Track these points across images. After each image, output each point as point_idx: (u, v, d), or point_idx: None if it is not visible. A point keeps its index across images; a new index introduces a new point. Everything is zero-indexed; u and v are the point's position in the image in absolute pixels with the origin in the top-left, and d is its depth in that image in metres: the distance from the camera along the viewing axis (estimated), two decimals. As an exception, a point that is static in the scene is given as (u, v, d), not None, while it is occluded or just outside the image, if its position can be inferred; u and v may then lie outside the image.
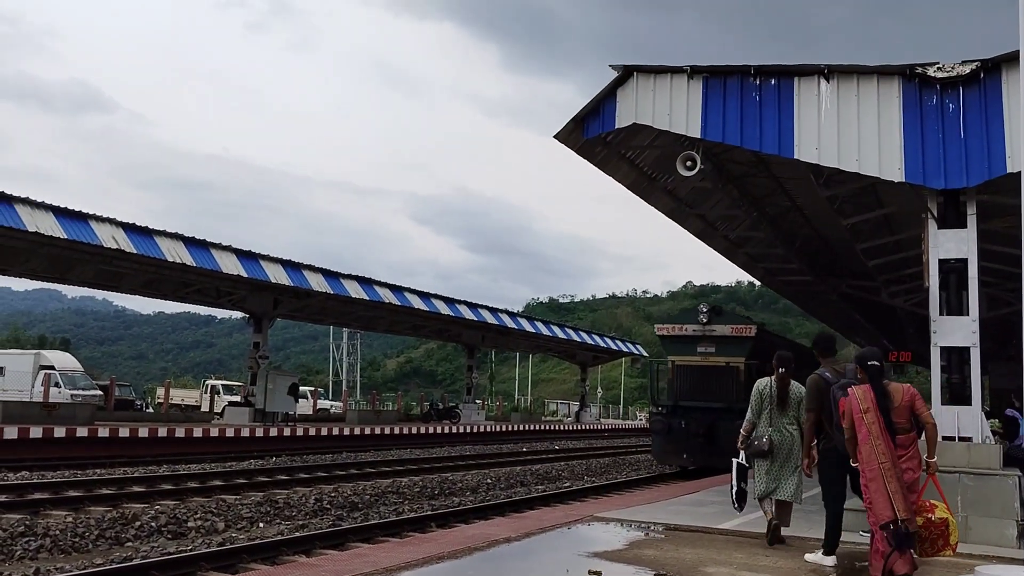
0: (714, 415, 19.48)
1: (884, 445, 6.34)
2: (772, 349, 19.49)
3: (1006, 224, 12.77)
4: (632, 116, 11.28)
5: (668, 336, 21.20)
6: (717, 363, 20.08)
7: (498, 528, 8.82)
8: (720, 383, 19.92)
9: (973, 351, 9.57)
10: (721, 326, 20.14)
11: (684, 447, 19.91)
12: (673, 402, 20.64)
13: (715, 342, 20.13)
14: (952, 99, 9.72)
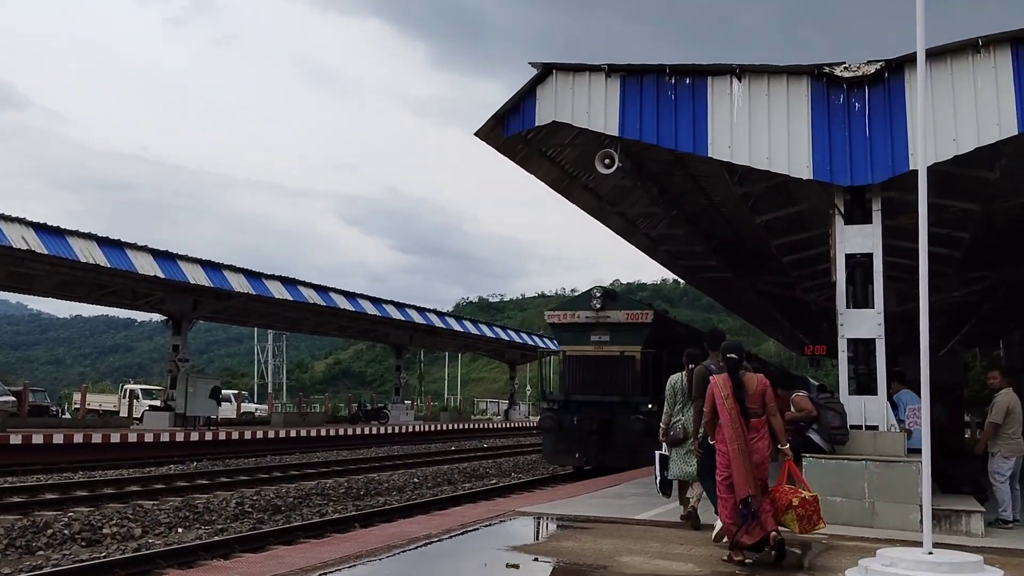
0: (609, 410, 18.28)
1: (740, 429, 7.04)
2: (671, 336, 19.32)
3: (912, 220, 13.24)
4: (552, 114, 11.37)
5: (560, 324, 19.68)
6: (611, 353, 18.74)
7: (420, 526, 8.81)
8: (615, 375, 18.59)
9: (879, 342, 9.92)
10: (616, 312, 18.84)
11: (577, 446, 18.48)
12: (565, 396, 19.22)
13: (610, 329, 18.84)
14: (858, 98, 10.05)
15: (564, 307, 20.26)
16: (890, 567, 5.96)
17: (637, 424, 17.43)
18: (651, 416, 16.95)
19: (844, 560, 6.96)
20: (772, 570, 6.87)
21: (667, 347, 18.36)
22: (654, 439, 16.55)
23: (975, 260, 17.72)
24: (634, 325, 18.68)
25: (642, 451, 16.49)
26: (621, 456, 17.41)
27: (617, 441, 17.83)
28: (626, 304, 19.46)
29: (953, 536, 8.36)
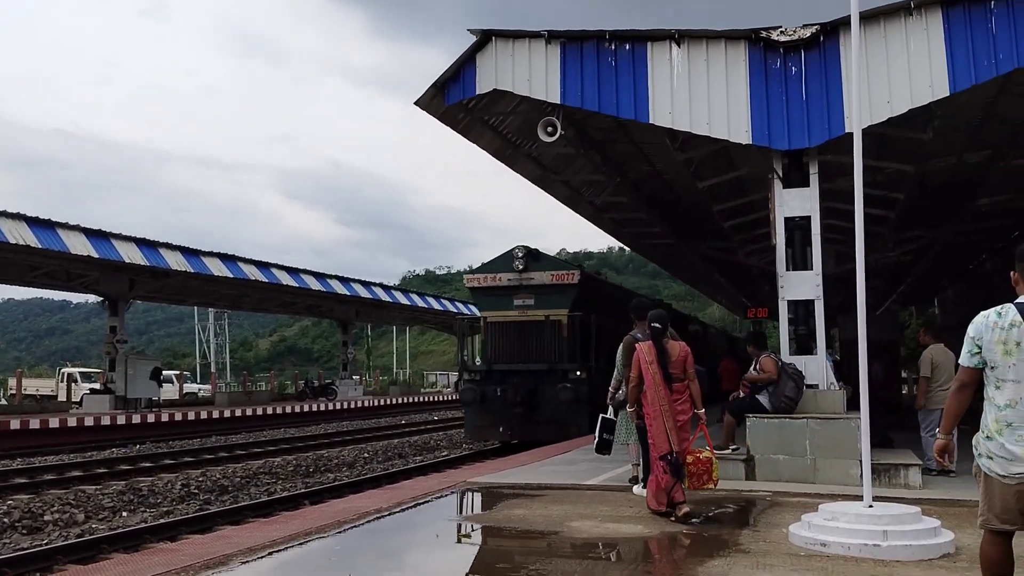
0: (534, 379, 17.25)
1: (663, 391, 7.52)
2: (601, 298, 18.52)
3: (848, 183, 13.48)
4: (492, 82, 11.27)
5: (480, 288, 18.37)
6: (536, 317, 17.55)
7: (371, 500, 8.77)
8: (541, 341, 17.49)
9: (817, 303, 10.10)
10: (540, 273, 17.64)
11: (500, 418, 17.30)
12: (487, 366, 18.07)
13: (534, 292, 17.65)
14: (795, 62, 10.14)
15: (484, 270, 18.53)
16: (832, 521, 6.12)
17: (564, 393, 16.63)
18: (580, 384, 16.68)
19: (788, 515, 7.12)
20: (718, 528, 7.00)
21: (597, 310, 17.84)
22: (584, 408, 15.99)
23: (910, 220, 18.15)
24: (560, 287, 17.61)
25: (571, 421, 16.32)
26: (548, 428, 16.61)
27: (544, 412, 16.97)
28: (551, 264, 18.26)
29: (892, 489, 8.61)
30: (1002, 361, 3.91)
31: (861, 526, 5.94)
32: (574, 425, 16.19)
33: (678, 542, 6.60)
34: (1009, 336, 3.89)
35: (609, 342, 17.13)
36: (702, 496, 8.49)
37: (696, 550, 6.31)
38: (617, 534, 6.78)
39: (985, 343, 3.96)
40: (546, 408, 16.90)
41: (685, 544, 6.55)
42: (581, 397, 16.60)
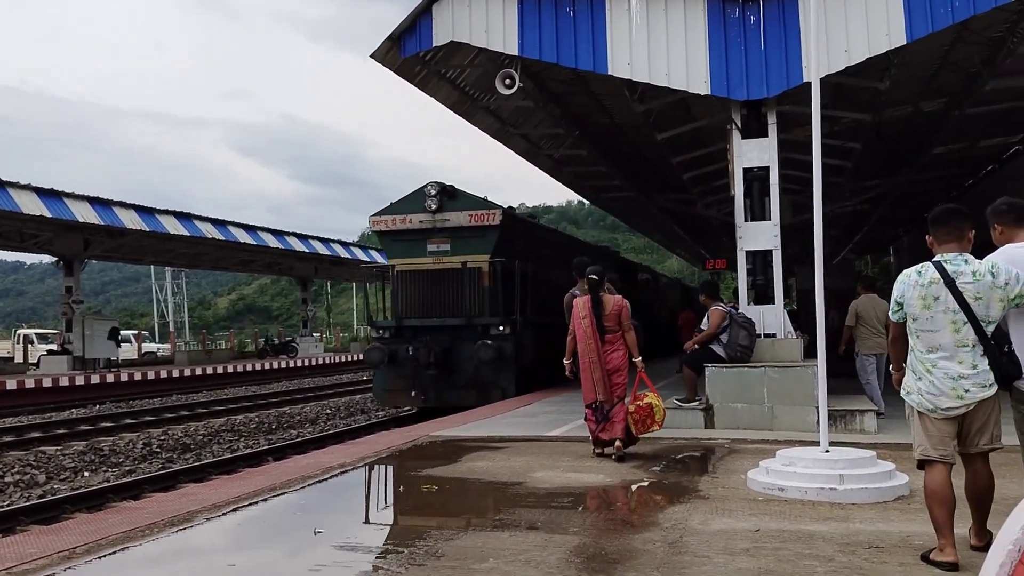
0: (451, 336, 15.34)
1: (594, 343, 8.06)
2: (531, 242, 16.89)
3: (806, 133, 13.55)
4: (449, 34, 11.11)
5: (388, 232, 16.09)
6: (452, 265, 15.47)
7: (335, 455, 8.77)
8: (458, 292, 15.50)
9: (775, 253, 10.21)
10: (456, 214, 15.47)
11: (412, 382, 15.28)
12: (397, 322, 15.85)
13: (450, 236, 15.55)
14: (753, 11, 10.11)
15: (392, 210, 16.09)
16: (789, 466, 6.25)
17: (485, 351, 14.73)
18: (503, 341, 15.00)
19: (746, 462, 7.25)
20: (676, 474, 7.12)
21: (526, 256, 16.15)
22: (509, 368, 14.92)
23: (866, 170, 18.35)
24: (480, 229, 15.41)
25: (494, 383, 15.01)
26: (467, 391, 15.14)
27: (462, 373, 15.27)
28: (470, 203, 15.80)
29: (848, 434, 8.79)
30: (921, 314, 4.41)
31: (818, 470, 6.07)
32: (497, 387, 14.98)
33: (638, 490, 6.69)
34: (928, 292, 4.38)
35: (543, 293, 16.29)
36: (662, 445, 8.65)
37: (656, 497, 6.41)
38: (579, 483, 6.86)
39: (907, 299, 4.48)
40: (464, 369, 15.23)
41: (645, 492, 6.65)
42: (505, 355, 14.93)
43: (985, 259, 4.35)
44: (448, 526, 5.47)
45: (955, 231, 4.46)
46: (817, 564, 4.39)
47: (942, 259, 4.41)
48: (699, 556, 4.60)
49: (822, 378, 6.66)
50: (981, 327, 4.28)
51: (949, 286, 4.31)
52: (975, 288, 4.27)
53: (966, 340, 4.30)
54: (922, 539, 4.83)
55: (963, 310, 4.29)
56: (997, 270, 4.25)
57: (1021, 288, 4.21)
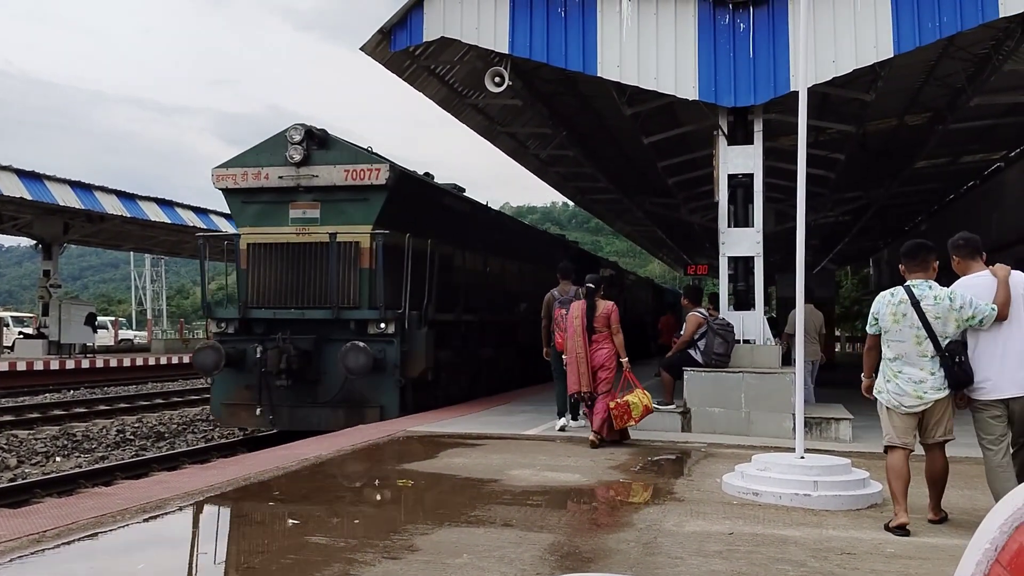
0: (314, 333, 11.62)
1: (581, 341, 8.85)
2: (432, 212, 13.22)
3: (791, 142, 13.65)
4: (440, 29, 11.10)
5: (236, 191, 12.07)
6: (320, 238, 11.65)
7: (311, 448, 8.73)
8: (326, 275, 11.66)
9: (757, 260, 10.27)
10: (328, 168, 11.64)
11: (260, 394, 11.53)
12: (242, 312, 11.94)
13: (320, 198, 11.79)
14: (743, 19, 10.16)
15: (243, 160, 12.06)
16: (764, 471, 6.28)
17: (354, 357, 11.04)
18: (385, 343, 11.46)
19: (722, 466, 7.29)
20: (652, 476, 7.15)
21: (427, 231, 12.52)
22: (391, 381, 11.38)
23: (849, 181, 18.49)
24: (360, 191, 11.64)
25: (370, 399, 11.49)
26: (332, 412, 11.59)
27: (326, 385, 11.58)
28: (347, 155, 11.85)
29: (823, 442, 8.86)
30: (892, 327, 5.36)
31: (793, 476, 6.11)
32: (375, 405, 11.49)
33: (614, 491, 6.72)
34: (898, 310, 5.34)
35: (456, 282, 13.95)
36: (639, 447, 8.69)
37: (632, 498, 6.44)
38: (555, 482, 6.87)
39: (881, 316, 5.43)
40: (330, 379, 11.53)
41: (621, 493, 6.67)
42: (388, 363, 11.46)
43: (947, 288, 5.30)
44: (423, 520, 5.47)
45: (922, 263, 5.44)
46: (789, 569, 4.42)
47: (911, 284, 5.38)
48: (673, 557, 4.62)
49: (799, 385, 6.71)
50: (939, 341, 5.22)
51: (915, 306, 5.26)
52: (935, 309, 5.23)
53: (926, 352, 5.25)
54: (894, 547, 4.88)
55: (924, 327, 5.23)
56: (954, 296, 5.23)
57: (973, 311, 5.17)
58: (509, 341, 16.51)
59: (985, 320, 5.15)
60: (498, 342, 15.87)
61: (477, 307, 14.75)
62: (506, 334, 16.39)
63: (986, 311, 5.14)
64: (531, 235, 20.80)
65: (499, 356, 15.88)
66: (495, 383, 15.43)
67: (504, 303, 16.60)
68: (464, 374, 14.17)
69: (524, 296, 17.27)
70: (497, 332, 15.89)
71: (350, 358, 11.09)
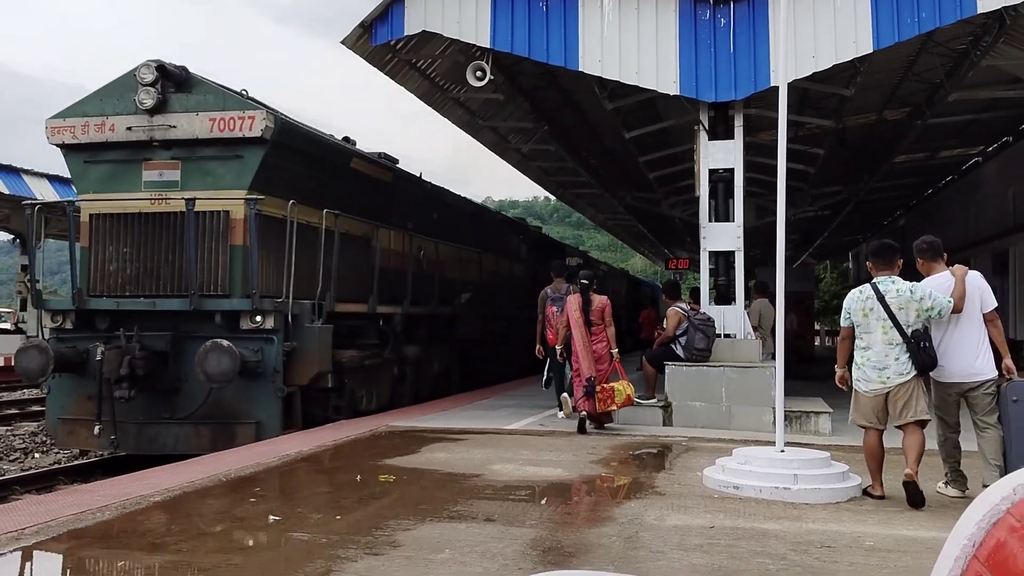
0: (171, 329, 9.38)
1: (584, 332, 9.39)
2: (328, 176, 10.97)
3: (771, 137, 13.72)
4: (421, 23, 11.06)
5: (76, 146, 9.89)
6: (180, 207, 9.33)
7: (293, 443, 8.70)
8: (177, 252, 9.50)
9: (738, 255, 10.32)
10: (189, 117, 9.43)
11: (101, 407, 9.19)
12: (78, 303, 9.62)
13: (181, 155, 9.61)
14: (724, 14, 10.19)
15: (84, 108, 9.86)
16: (745, 465, 6.32)
17: (216, 360, 8.81)
18: (263, 341, 9.34)
19: (703, 460, 7.32)
20: (633, 469, 7.18)
21: (326, 198, 10.42)
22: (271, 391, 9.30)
23: (829, 176, 18.59)
24: (231, 145, 9.46)
25: (244, 412, 9.34)
26: (192, 431, 9.30)
27: (187, 396, 9.33)
28: (212, 99, 9.58)
29: (803, 435, 8.93)
30: (862, 320, 5.98)
31: (773, 470, 6.15)
32: (249, 421, 9.33)
33: (596, 485, 6.74)
34: (866, 305, 5.97)
35: (370, 262, 11.57)
36: (621, 441, 8.72)
37: (613, 492, 6.46)
38: (537, 477, 6.88)
39: (852, 311, 6.06)
40: (191, 388, 9.24)
41: (603, 487, 6.70)
42: (267, 367, 9.31)
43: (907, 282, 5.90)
44: (405, 516, 5.46)
45: (888, 262, 6.06)
46: (770, 562, 4.45)
47: (876, 281, 6.00)
48: (654, 551, 4.64)
49: (780, 379, 6.74)
50: (903, 329, 5.79)
51: (880, 300, 5.88)
52: (898, 300, 5.84)
53: (893, 340, 5.83)
54: (873, 540, 4.92)
55: (890, 317, 5.83)
56: (915, 288, 5.86)
57: (932, 303, 5.79)
58: (445, 338, 14.56)
59: (943, 312, 5.80)
60: (431, 339, 13.74)
61: (401, 297, 12.59)
62: (442, 329, 14.39)
63: (943, 303, 5.79)
64: (481, 216, 18.72)
65: (432, 356, 13.80)
66: (426, 388, 13.54)
67: (443, 293, 14.27)
68: (380, 378, 11.73)
69: (469, 286, 15.68)
70: (431, 328, 13.80)
71: (209, 361, 8.83)
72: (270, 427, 9.32)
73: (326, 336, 9.95)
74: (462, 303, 15.21)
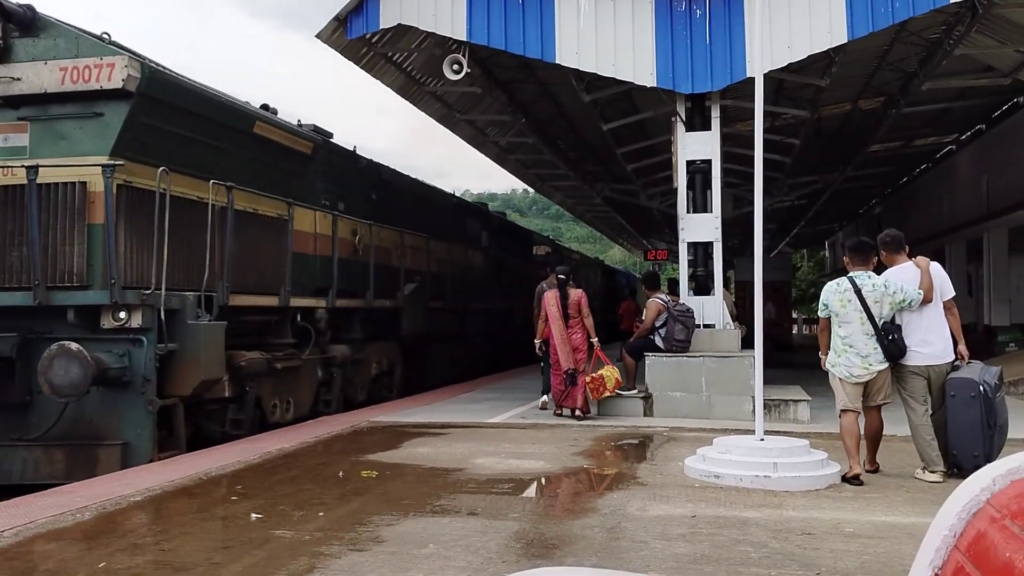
0: (18, 328, 7.70)
1: (561, 324, 9.94)
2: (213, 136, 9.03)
3: (748, 128, 13.77)
4: (397, 16, 11.01)
5: None
6: (16, 179, 7.74)
7: (274, 440, 8.67)
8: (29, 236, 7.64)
9: (716, 245, 10.37)
10: (34, 66, 7.82)
11: None
12: None
13: (30, 114, 7.97)
14: (699, 5, 10.22)
15: None
16: (725, 454, 6.37)
17: (63, 368, 7.26)
18: (129, 343, 7.70)
19: (684, 450, 7.37)
20: (615, 461, 7.22)
21: (216, 168, 8.80)
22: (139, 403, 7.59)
23: (805, 166, 18.70)
24: (87, 100, 7.85)
25: (108, 432, 7.69)
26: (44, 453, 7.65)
27: (40, 411, 7.69)
28: (64, 44, 7.94)
29: (782, 423, 9.00)
30: (840, 311, 6.39)
31: (753, 458, 6.20)
32: (113, 443, 7.64)
33: (578, 477, 6.77)
34: (843, 297, 6.38)
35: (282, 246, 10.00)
36: (602, 432, 8.76)
37: (596, 484, 6.49)
38: (520, 470, 6.90)
39: (831, 302, 6.45)
40: (43, 403, 7.61)
41: (585, 479, 6.73)
42: (134, 375, 7.71)
43: (880, 276, 6.41)
44: (388, 511, 5.47)
45: (864, 258, 6.55)
46: (751, 550, 4.49)
47: (853, 276, 6.43)
48: (637, 542, 4.67)
49: (759, 368, 6.80)
50: (875, 322, 6.25)
51: (857, 293, 6.31)
52: (874, 295, 6.29)
53: (868, 331, 6.26)
54: (852, 526, 4.97)
55: (864, 310, 6.27)
56: (888, 283, 6.34)
57: (904, 295, 6.26)
58: (386, 335, 13.28)
59: (913, 302, 6.28)
60: (367, 337, 12.49)
61: (326, 289, 11.21)
62: (382, 325, 13.10)
63: (914, 295, 6.27)
64: (431, 199, 16.60)
65: (369, 355, 12.64)
66: (361, 392, 12.41)
67: (382, 285, 12.88)
68: (298, 384, 10.56)
69: (415, 276, 14.13)
70: (367, 323, 12.52)
71: (54, 370, 7.27)
72: (140, 450, 7.68)
73: (216, 335, 8.26)
74: (406, 295, 13.60)
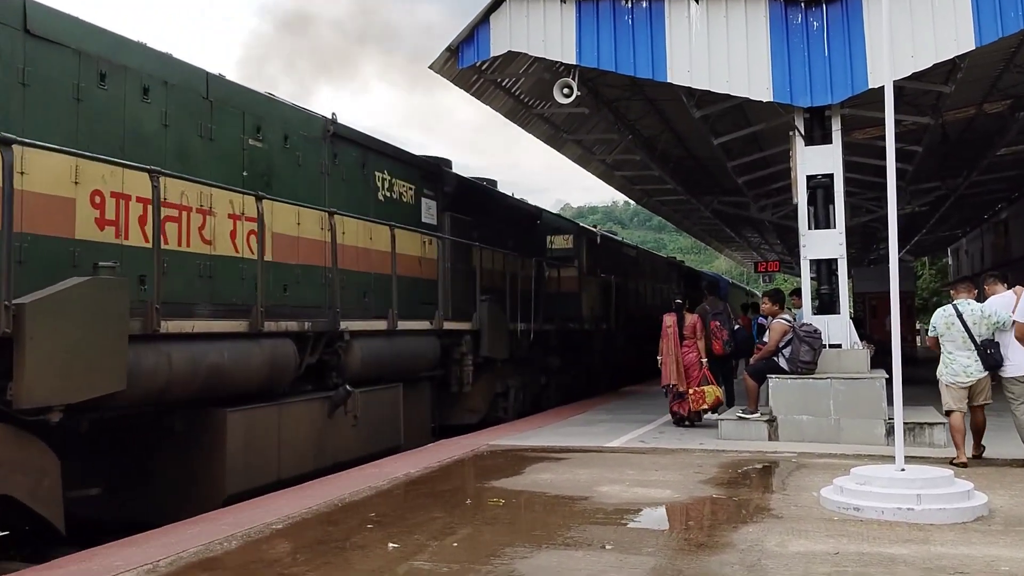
0: None
1: (675, 344, 11.29)
2: None
3: (866, 135, 13.36)
4: (507, 43, 11.14)
5: None
6: None
7: (398, 465, 8.82)
8: None
9: (840, 262, 10.07)
10: None
11: None
12: None
13: None
14: (816, 17, 9.99)
15: None
16: (864, 485, 6.14)
17: None
18: None
19: (816, 478, 7.16)
20: (745, 490, 7.06)
21: None
22: None
23: (926, 172, 18.02)
24: None
25: None
26: None
27: None
28: None
29: (918, 448, 8.64)
30: (946, 332, 7.95)
31: (894, 490, 5.96)
32: None
33: (709, 507, 6.64)
34: (948, 320, 7.95)
35: None
36: (727, 458, 8.59)
37: (728, 516, 6.34)
38: (647, 499, 6.83)
39: (939, 325, 8.04)
40: None
41: (716, 509, 6.59)
42: None
43: (980, 304, 8.02)
44: (521, 543, 5.48)
45: (967, 289, 8.28)
46: (903, 591, 4.31)
47: (956, 303, 8.04)
48: (780, 580, 4.55)
49: (898, 392, 6.53)
50: (975, 339, 7.77)
51: (959, 317, 7.86)
52: (972, 317, 7.83)
53: (969, 346, 7.79)
54: (1008, 564, 4.73)
55: (965, 330, 7.80)
56: (985, 309, 7.90)
57: (997, 318, 7.74)
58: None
59: (1004, 324, 7.68)
60: None
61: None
62: None
63: (1004, 317, 7.69)
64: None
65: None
66: None
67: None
68: None
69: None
70: None
71: None
72: None
73: None
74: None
